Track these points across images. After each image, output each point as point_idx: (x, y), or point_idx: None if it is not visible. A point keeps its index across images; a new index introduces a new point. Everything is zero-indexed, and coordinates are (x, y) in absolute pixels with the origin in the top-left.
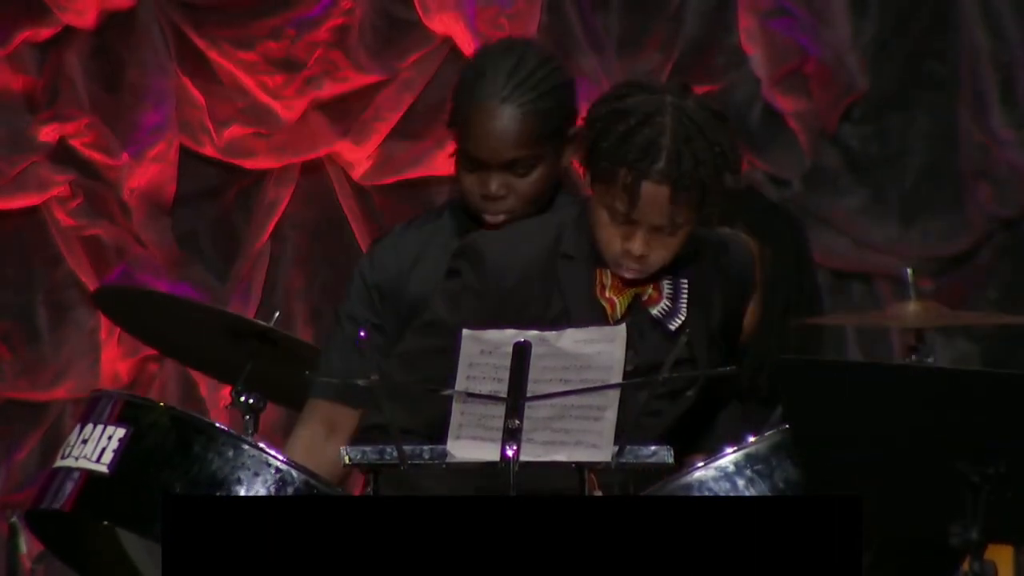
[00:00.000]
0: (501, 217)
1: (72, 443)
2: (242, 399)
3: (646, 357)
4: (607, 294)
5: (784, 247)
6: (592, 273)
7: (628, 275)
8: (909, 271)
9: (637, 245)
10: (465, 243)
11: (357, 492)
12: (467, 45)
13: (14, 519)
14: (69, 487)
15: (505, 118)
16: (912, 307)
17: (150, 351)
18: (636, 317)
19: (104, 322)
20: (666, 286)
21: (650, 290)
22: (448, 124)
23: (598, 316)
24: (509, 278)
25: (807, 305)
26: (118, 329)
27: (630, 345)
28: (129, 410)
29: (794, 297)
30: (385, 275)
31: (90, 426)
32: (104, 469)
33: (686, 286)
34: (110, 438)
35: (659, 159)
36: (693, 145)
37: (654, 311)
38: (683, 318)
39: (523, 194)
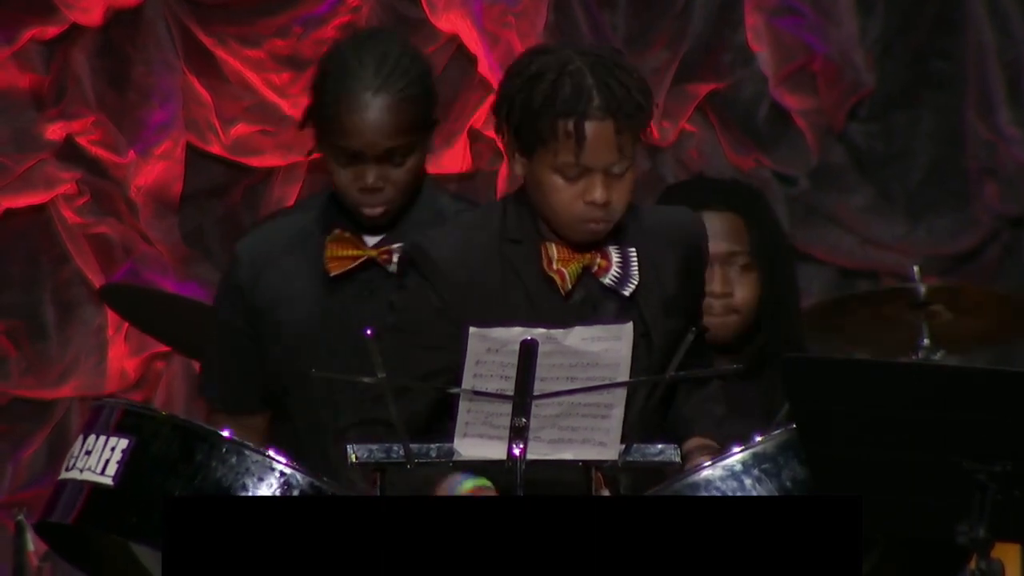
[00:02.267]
0: (379, 209)
1: (76, 454)
2: None
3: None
4: (555, 267)
5: (776, 229)
6: (537, 250)
7: (596, 229)
8: (916, 269)
9: (599, 191)
10: (410, 248)
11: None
12: (473, 43)
13: (20, 517)
14: (75, 500)
15: (379, 108)
16: None
17: (157, 349)
18: (588, 289)
19: (111, 320)
20: (614, 253)
21: (599, 259)
22: (311, 119)
23: (550, 291)
24: (461, 274)
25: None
26: (125, 327)
27: (585, 317)
28: (130, 419)
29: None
30: (243, 272)
31: (93, 437)
32: (109, 481)
33: (635, 254)
34: (113, 449)
35: (593, 97)
36: (615, 76)
37: (606, 280)
38: (635, 283)
39: (400, 183)
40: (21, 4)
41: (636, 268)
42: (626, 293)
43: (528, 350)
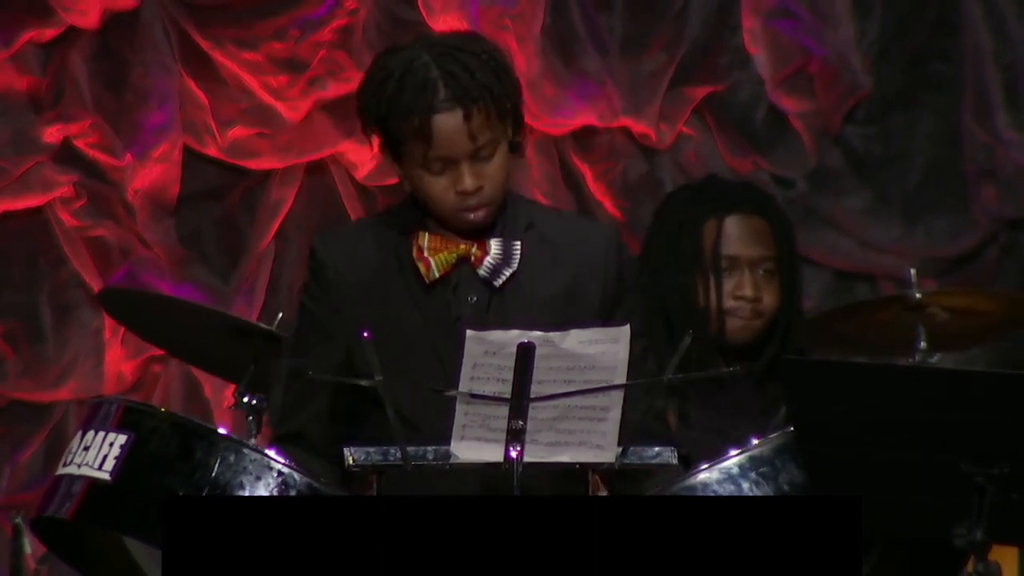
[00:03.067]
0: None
1: (74, 450)
2: (245, 400)
3: (471, 316)
4: (424, 255)
5: (793, 236)
6: (406, 239)
7: (476, 218)
8: (913, 271)
9: (468, 180)
10: (312, 243)
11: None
12: None
13: (18, 520)
14: (72, 495)
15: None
16: None
17: (154, 352)
18: (462, 278)
19: (108, 323)
20: (494, 245)
21: (474, 249)
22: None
23: (414, 279)
24: (351, 268)
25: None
26: (122, 330)
27: (447, 303)
28: (130, 416)
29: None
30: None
31: (91, 433)
32: (106, 476)
33: (518, 247)
34: (111, 445)
35: (438, 90)
36: (461, 62)
37: (480, 271)
38: (507, 274)
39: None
40: (18, 7)
41: (515, 262)
42: (496, 284)
43: (525, 353)
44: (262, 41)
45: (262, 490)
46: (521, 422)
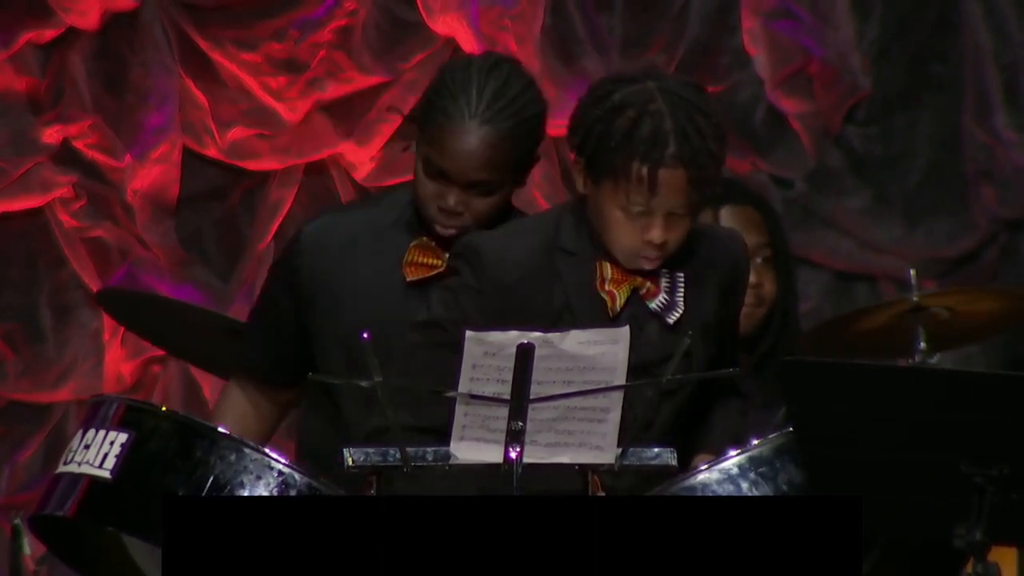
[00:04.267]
0: (452, 231)
1: (74, 448)
2: None
3: (646, 351)
4: (607, 287)
5: (782, 228)
6: (592, 266)
7: (648, 266)
8: (913, 272)
9: (658, 233)
10: (463, 243)
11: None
12: (470, 46)
13: (18, 520)
14: (72, 493)
15: (479, 139)
16: None
17: (154, 352)
18: (635, 310)
19: (107, 324)
20: (663, 279)
21: (648, 284)
22: (417, 123)
23: (599, 309)
24: (508, 275)
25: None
26: (121, 331)
27: (631, 341)
28: (131, 415)
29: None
30: (304, 257)
31: (92, 431)
32: (106, 475)
33: (682, 280)
34: (112, 443)
35: (669, 144)
36: (694, 122)
37: (652, 304)
38: (680, 311)
39: (478, 213)
40: (18, 7)
41: (682, 295)
42: (670, 321)
43: (525, 354)
44: (261, 42)
45: (262, 489)
46: (521, 423)
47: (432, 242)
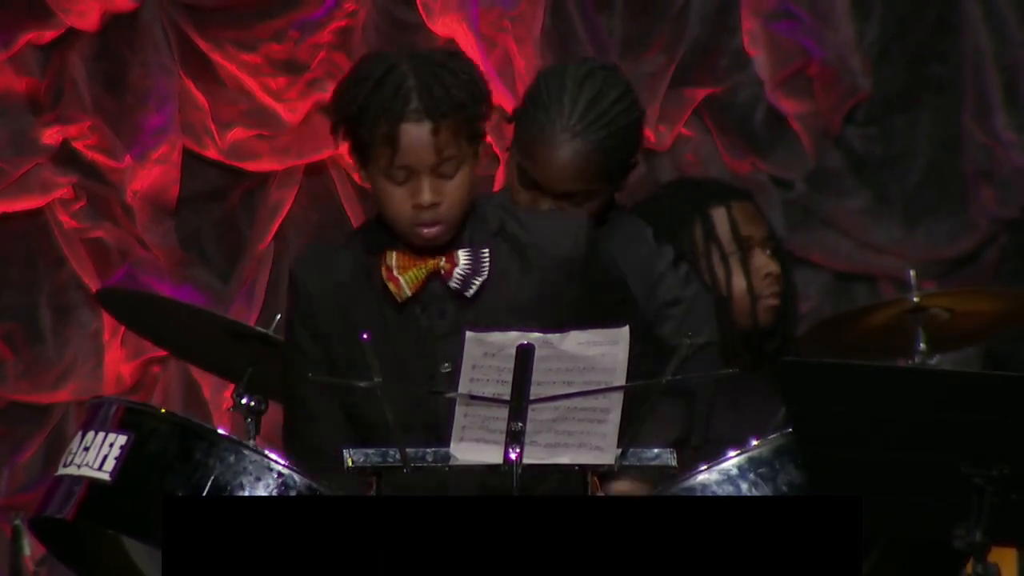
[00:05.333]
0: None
1: (74, 451)
2: (243, 402)
3: (446, 330)
4: (394, 274)
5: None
6: (376, 259)
7: (429, 234)
8: (913, 273)
9: (425, 193)
10: (290, 271)
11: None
12: (470, 48)
13: (17, 521)
14: (72, 495)
15: (572, 152)
16: None
17: (154, 353)
18: (433, 292)
19: (107, 324)
20: (463, 256)
21: (443, 262)
22: (514, 130)
23: (383, 299)
24: (324, 290)
25: None
26: (121, 331)
27: (417, 321)
28: (130, 417)
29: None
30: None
31: (91, 433)
32: (106, 477)
33: (487, 255)
34: (111, 445)
35: (410, 99)
36: (439, 77)
37: (451, 283)
38: (478, 283)
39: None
40: (17, 8)
41: (485, 269)
42: (468, 294)
43: (524, 354)
44: (261, 43)
45: (262, 491)
46: (520, 424)
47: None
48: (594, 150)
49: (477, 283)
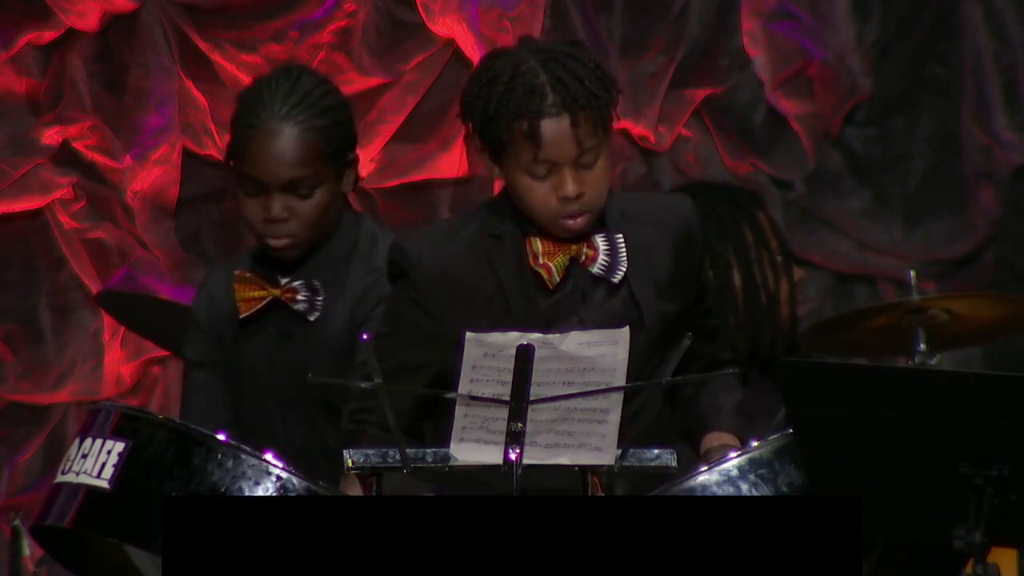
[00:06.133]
0: (285, 241)
1: (72, 457)
2: None
3: (596, 315)
4: (541, 261)
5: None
6: (521, 245)
7: (575, 226)
8: (913, 273)
9: (570, 185)
10: (393, 246)
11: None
12: (470, 48)
13: (17, 522)
14: (71, 503)
15: (284, 137)
16: None
17: (154, 354)
18: (576, 279)
19: (107, 324)
20: (601, 242)
21: (585, 249)
22: (228, 152)
23: (534, 286)
24: (438, 270)
25: None
26: (121, 332)
27: (574, 307)
28: (127, 423)
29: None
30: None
31: (89, 440)
32: (105, 484)
33: (622, 240)
34: (109, 452)
35: (546, 95)
36: (567, 68)
37: (594, 269)
38: (623, 269)
39: (305, 217)
40: (17, 9)
41: (624, 254)
42: (615, 280)
43: (524, 355)
44: (261, 43)
45: (260, 495)
46: (520, 424)
47: (248, 273)
48: (305, 131)
49: (622, 270)
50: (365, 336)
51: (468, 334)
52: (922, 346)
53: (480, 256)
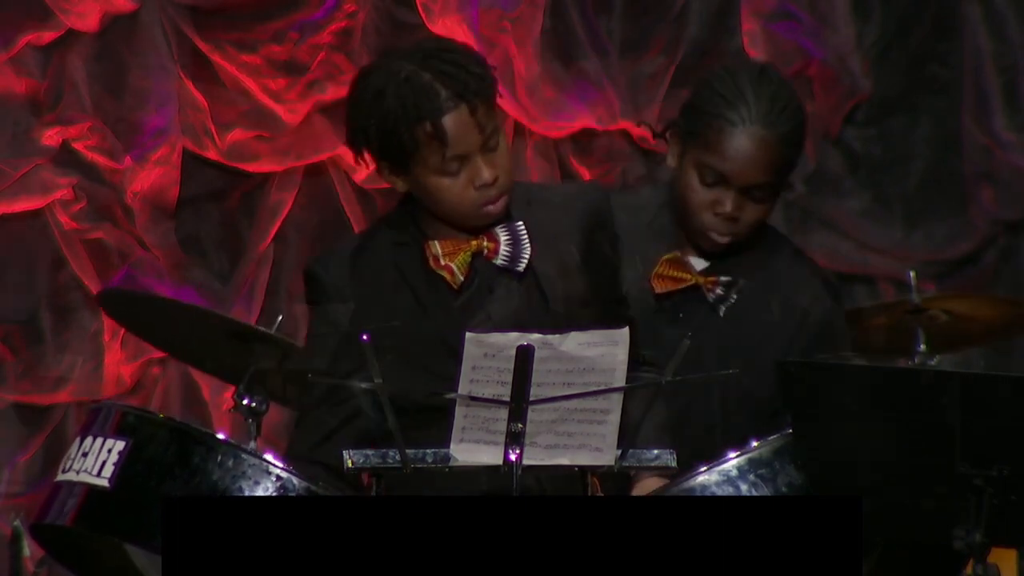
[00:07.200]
0: (726, 239)
1: (73, 456)
2: (244, 403)
3: (504, 307)
4: (442, 262)
5: None
6: (421, 249)
7: (495, 209)
8: (912, 274)
9: (485, 172)
10: (306, 272)
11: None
12: None
13: (17, 522)
14: (71, 502)
15: (764, 144)
16: None
17: (153, 354)
18: (482, 274)
19: (107, 325)
20: (502, 234)
21: (486, 243)
22: (683, 131)
23: (443, 288)
24: (352, 288)
25: None
26: (121, 332)
27: (480, 304)
28: (127, 421)
29: None
30: None
31: (90, 439)
32: (105, 483)
33: (523, 227)
34: (110, 451)
35: (438, 92)
36: (446, 61)
37: (498, 261)
38: (527, 257)
39: (750, 223)
40: (17, 9)
41: (526, 242)
42: (519, 268)
43: (524, 355)
44: (261, 44)
45: (260, 494)
46: (520, 425)
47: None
48: (779, 141)
49: (525, 257)
50: (365, 336)
51: (468, 334)
52: (922, 346)
53: (389, 267)
